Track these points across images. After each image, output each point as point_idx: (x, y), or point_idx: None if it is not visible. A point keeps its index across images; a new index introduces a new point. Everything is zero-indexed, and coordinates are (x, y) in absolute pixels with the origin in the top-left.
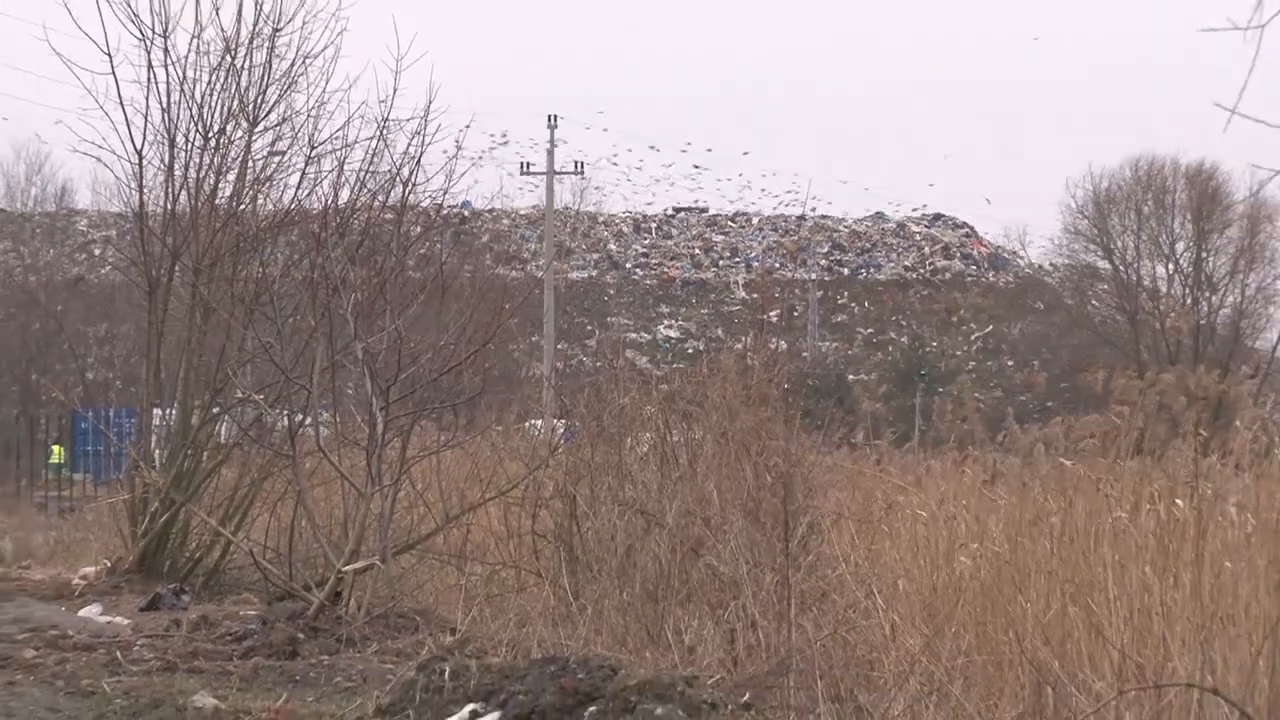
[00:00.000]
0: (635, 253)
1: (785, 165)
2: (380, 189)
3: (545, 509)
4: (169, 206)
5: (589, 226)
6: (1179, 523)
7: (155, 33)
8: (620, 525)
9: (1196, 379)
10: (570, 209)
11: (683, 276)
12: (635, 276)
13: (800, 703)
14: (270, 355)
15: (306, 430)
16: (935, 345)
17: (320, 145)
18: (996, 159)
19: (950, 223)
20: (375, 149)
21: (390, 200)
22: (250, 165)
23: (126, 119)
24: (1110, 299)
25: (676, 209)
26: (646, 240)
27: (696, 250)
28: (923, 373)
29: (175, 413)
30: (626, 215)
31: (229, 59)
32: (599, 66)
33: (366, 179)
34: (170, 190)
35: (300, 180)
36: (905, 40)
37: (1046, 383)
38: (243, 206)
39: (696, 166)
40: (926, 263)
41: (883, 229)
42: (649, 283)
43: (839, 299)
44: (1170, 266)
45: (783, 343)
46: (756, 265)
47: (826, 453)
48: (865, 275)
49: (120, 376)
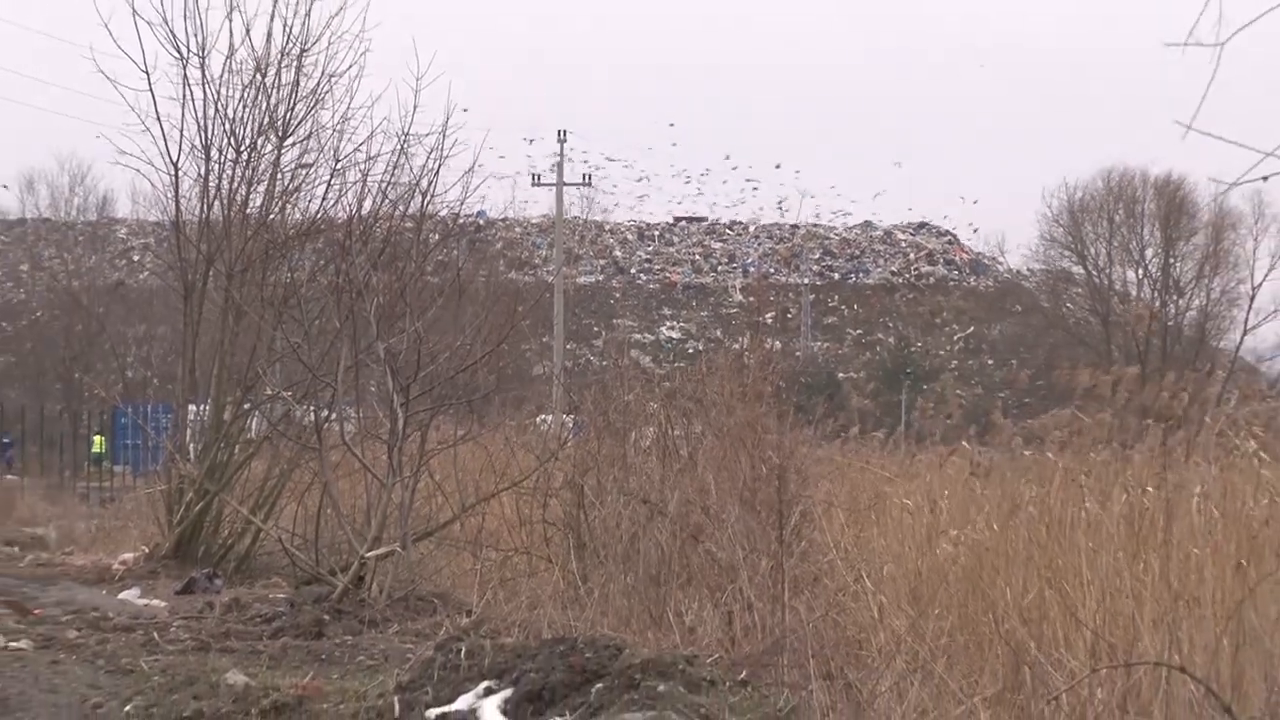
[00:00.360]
0: (639, 259)
1: (779, 175)
2: (401, 199)
3: (555, 498)
4: (203, 215)
5: (596, 234)
6: (1148, 511)
7: (191, 53)
8: (625, 514)
9: (1167, 382)
10: (579, 218)
11: (684, 281)
12: (639, 281)
13: (794, 680)
14: (298, 355)
15: (332, 425)
16: (920, 345)
17: (345, 158)
18: (978, 169)
19: (934, 231)
20: (396, 162)
21: (410, 210)
22: (279, 177)
23: (164, 134)
24: (1084, 302)
25: (678, 218)
26: (650, 247)
27: (696, 256)
28: (908, 371)
29: (209, 408)
30: (631, 224)
31: (260, 78)
32: (603, 83)
33: (388, 190)
34: (204, 200)
35: (326, 191)
36: (889, 57)
37: (1028, 379)
38: (272, 216)
39: (688, 177)
40: (912, 268)
41: (870, 236)
42: (652, 287)
43: (830, 302)
44: (1140, 272)
45: (777, 343)
46: (753, 270)
47: (818, 445)
48: (854, 280)
49: (158, 374)
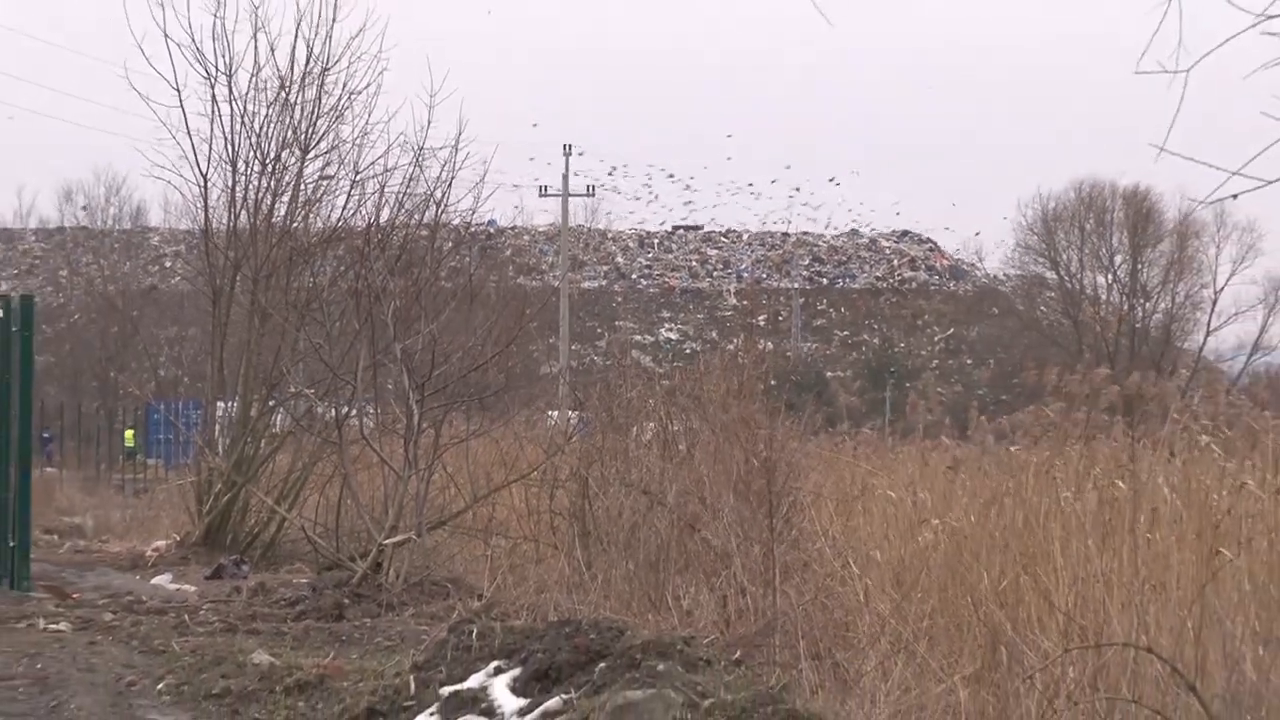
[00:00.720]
0: (640, 265)
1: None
2: (416, 209)
3: (561, 490)
4: (231, 224)
5: (599, 242)
6: (1117, 502)
7: (219, 72)
8: (627, 504)
9: (1131, 380)
10: (583, 227)
11: (681, 286)
12: (640, 286)
13: (785, 659)
14: (320, 355)
15: (351, 421)
16: (903, 346)
17: (364, 170)
18: (957, 180)
19: (916, 238)
20: (412, 174)
21: (425, 219)
22: (302, 188)
23: (194, 147)
24: (1056, 305)
25: (676, 227)
26: (649, 254)
27: (694, 263)
28: (892, 370)
29: (236, 405)
30: (632, 232)
31: (284, 95)
32: (604, 97)
33: (404, 200)
34: (232, 210)
35: (346, 201)
36: (873, 77)
37: (1001, 378)
38: (296, 224)
39: (688, 187)
40: (895, 273)
41: (857, 244)
42: (652, 291)
43: (819, 305)
44: (1109, 277)
45: (769, 344)
46: (746, 276)
47: (807, 439)
48: (842, 285)
49: (188, 373)
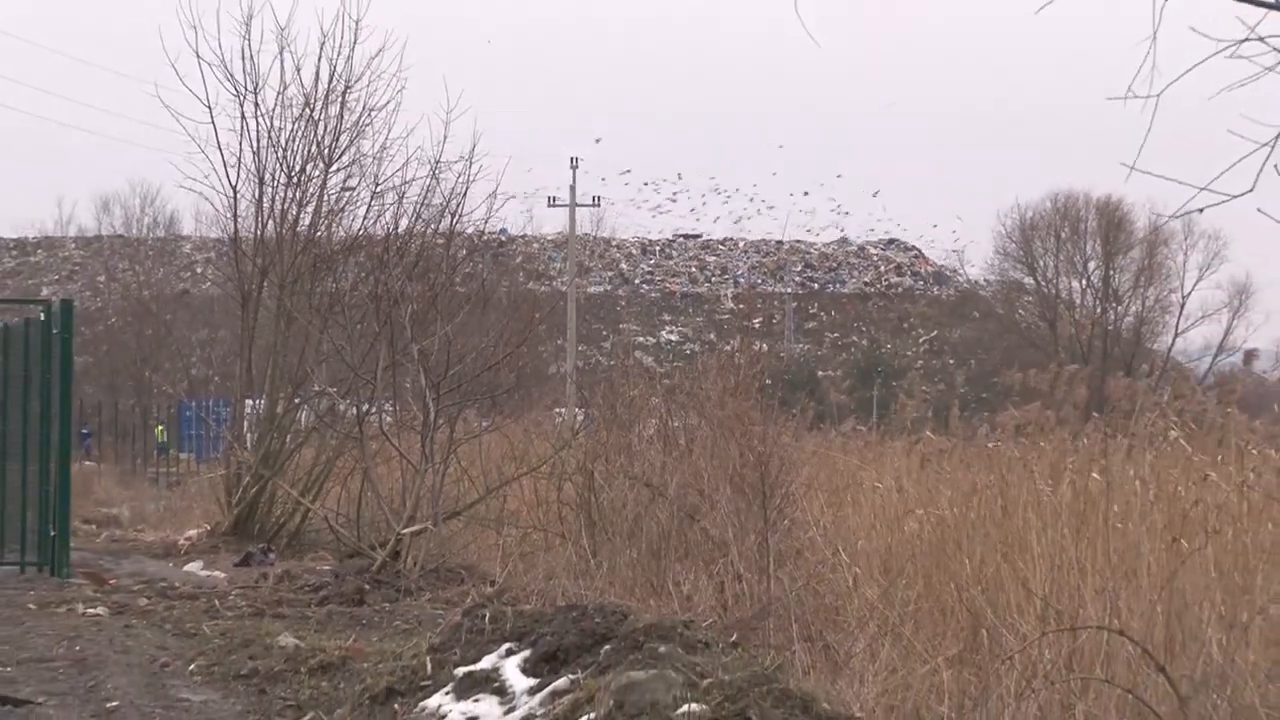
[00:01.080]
0: (642, 271)
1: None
2: (433, 219)
3: (569, 482)
4: (258, 233)
5: (604, 249)
6: (1091, 493)
7: (247, 89)
8: (630, 496)
9: (1118, 386)
10: (589, 235)
11: (682, 290)
12: (642, 290)
13: (779, 642)
14: (342, 355)
15: (371, 417)
16: (889, 347)
17: (383, 183)
18: (941, 191)
19: (901, 246)
20: (428, 186)
21: (441, 228)
22: (325, 199)
23: (223, 160)
24: (1034, 309)
25: (676, 235)
26: (651, 261)
27: (693, 269)
28: (879, 370)
29: (264, 403)
30: (635, 240)
31: (308, 111)
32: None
33: (421, 210)
34: (259, 219)
35: (366, 211)
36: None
37: (981, 377)
38: (319, 233)
39: (675, 195)
40: (882, 279)
41: (846, 251)
42: (654, 295)
43: (810, 309)
44: (1083, 282)
45: (764, 345)
46: (742, 281)
47: (800, 435)
48: (832, 289)
49: (218, 373)
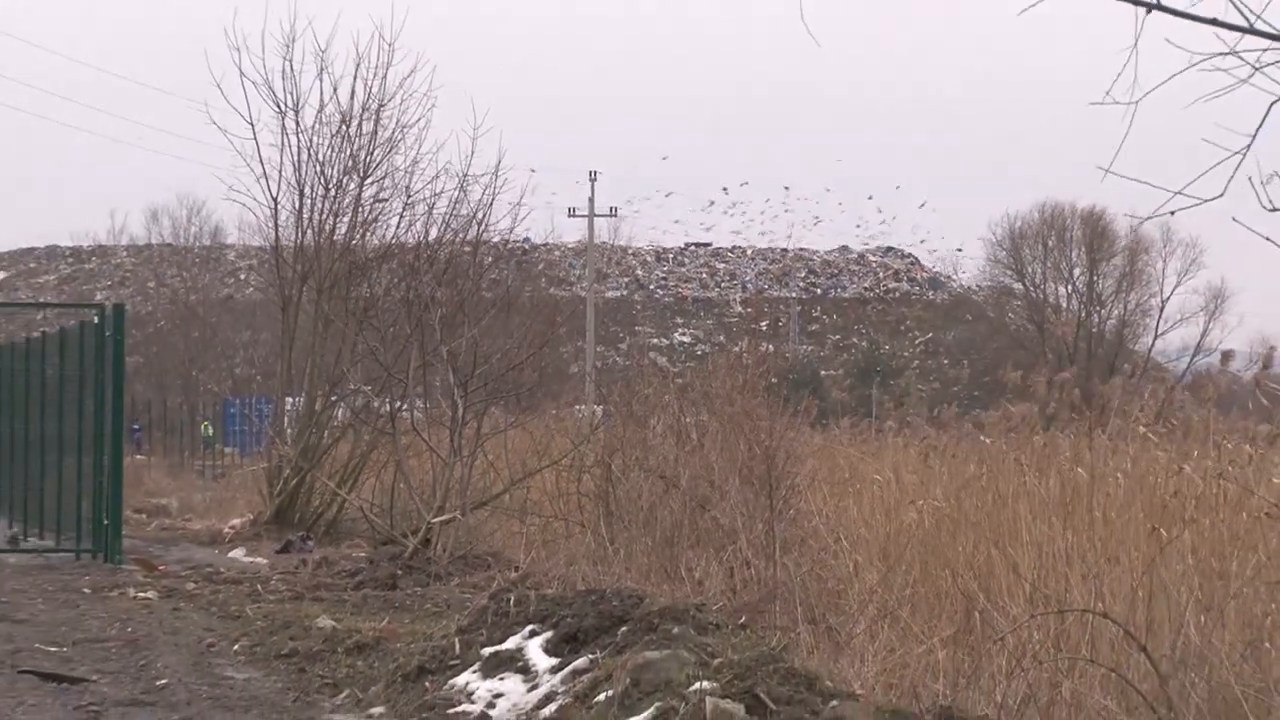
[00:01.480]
0: (656, 277)
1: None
2: (461, 228)
3: (588, 474)
4: (298, 241)
5: (621, 257)
6: (1077, 485)
7: (288, 108)
8: (645, 487)
9: (1093, 379)
10: (607, 243)
11: (693, 295)
12: (656, 295)
13: (784, 623)
14: (376, 356)
15: (403, 413)
16: (888, 348)
17: (414, 194)
18: (933, 201)
19: (899, 254)
20: (457, 198)
21: (468, 237)
22: (360, 210)
23: (265, 174)
24: (1023, 312)
25: (688, 243)
26: (665, 267)
27: (704, 275)
28: (878, 369)
29: (303, 400)
30: (650, 248)
31: (345, 128)
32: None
33: (450, 221)
34: (299, 229)
35: (399, 221)
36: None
37: (974, 376)
38: (355, 242)
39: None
40: (881, 285)
41: (847, 259)
42: (667, 300)
43: (814, 313)
44: (1069, 287)
45: (770, 346)
46: (750, 287)
47: (804, 431)
48: (834, 294)
49: (260, 372)
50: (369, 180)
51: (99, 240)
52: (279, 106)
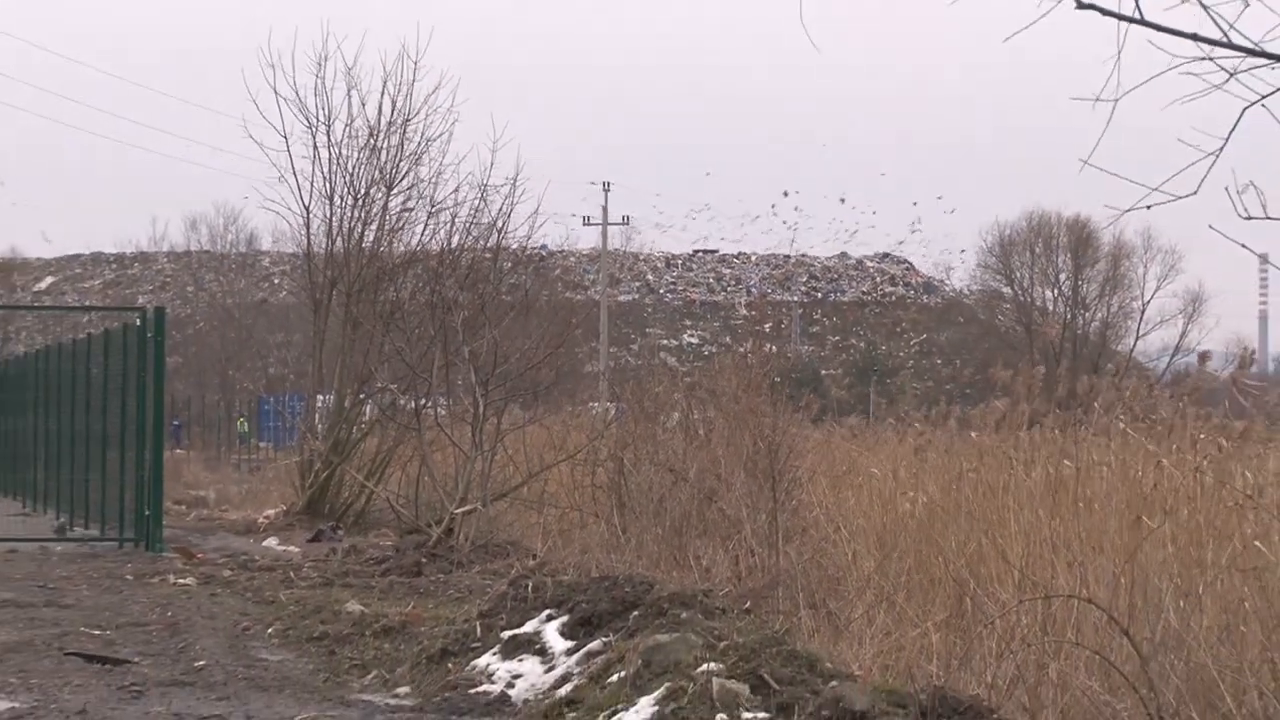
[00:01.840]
0: (666, 281)
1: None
2: (481, 236)
3: (601, 467)
4: (328, 248)
5: (633, 262)
6: (1062, 477)
7: (319, 122)
8: (655, 479)
9: (1075, 376)
10: (619, 250)
11: (701, 299)
12: (666, 299)
13: (787, 608)
14: (402, 356)
15: (428, 410)
16: (884, 349)
17: (438, 204)
18: (928, 210)
19: (895, 259)
20: (478, 207)
21: (489, 244)
22: (387, 218)
23: (298, 185)
24: (1012, 314)
25: (696, 250)
26: (674, 272)
27: (711, 279)
28: (875, 369)
29: (333, 398)
30: (660, 254)
31: (372, 141)
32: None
33: (471, 228)
34: (329, 236)
35: (423, 229)
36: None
37: (966, 376)
38: (382, 248)
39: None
40: (878, 289)
41: (846, 264)
42: (676, 303)
43: (815, 315)
44: (1055, 291)
45: (773, 347)
46: (754, 291)
47: (805, 425)
48: (834, 298)
49: (293, 371)
50: (395, 191)
51: (141, 247)
52: (310, 121)
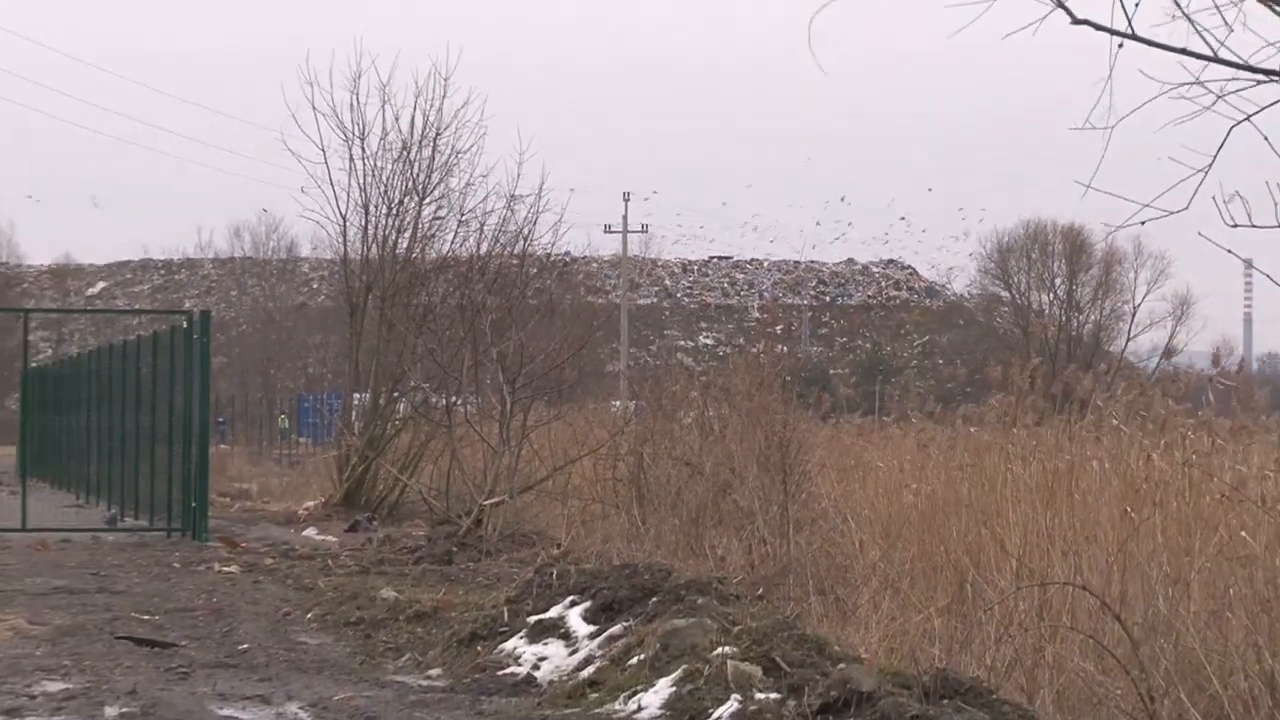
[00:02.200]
0: (683, 286)
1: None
2: (508, 243)
3: (622, 462)
4: (364, 255)
5: (652, 268)
6: (1057, 471)
7: (354, 136)
8: (673, 473)
9: (1069, 373)
10: (639, 256)
11: (716, 302)
12: (683, 302)
13: (797, 595)
14: (433, 356)
15: (458, 408)
16: (889, 349)
17: (468, 213)
18: (929, 219)
19: (899, 265)
20: (505, 216)
21: (515, 251)
22: (419, 227)
23: (335, 195)
24: (1009, 317)
25: (711, 256)
26: (690, 278)
27: (725, 284)
28: (880, 368)
29: (368, 396)
30: (677, 260)
31: (405, 154)
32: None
33: (499, 236)
34: (365, 244)
35: (454, 237)
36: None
37: (966, 376)
38: (414, 255)
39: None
40: (883, 293)
41: (853, 270)
42: (693, 306)
43: (823, 318)
44: (1050, 295)
45: (784, 348)
46: (766, 295)
47: (814, 422)
48: (841, 301)
49: (330, 371)
50: (427, 200)
51: (188, 254)
52: (347, 135)
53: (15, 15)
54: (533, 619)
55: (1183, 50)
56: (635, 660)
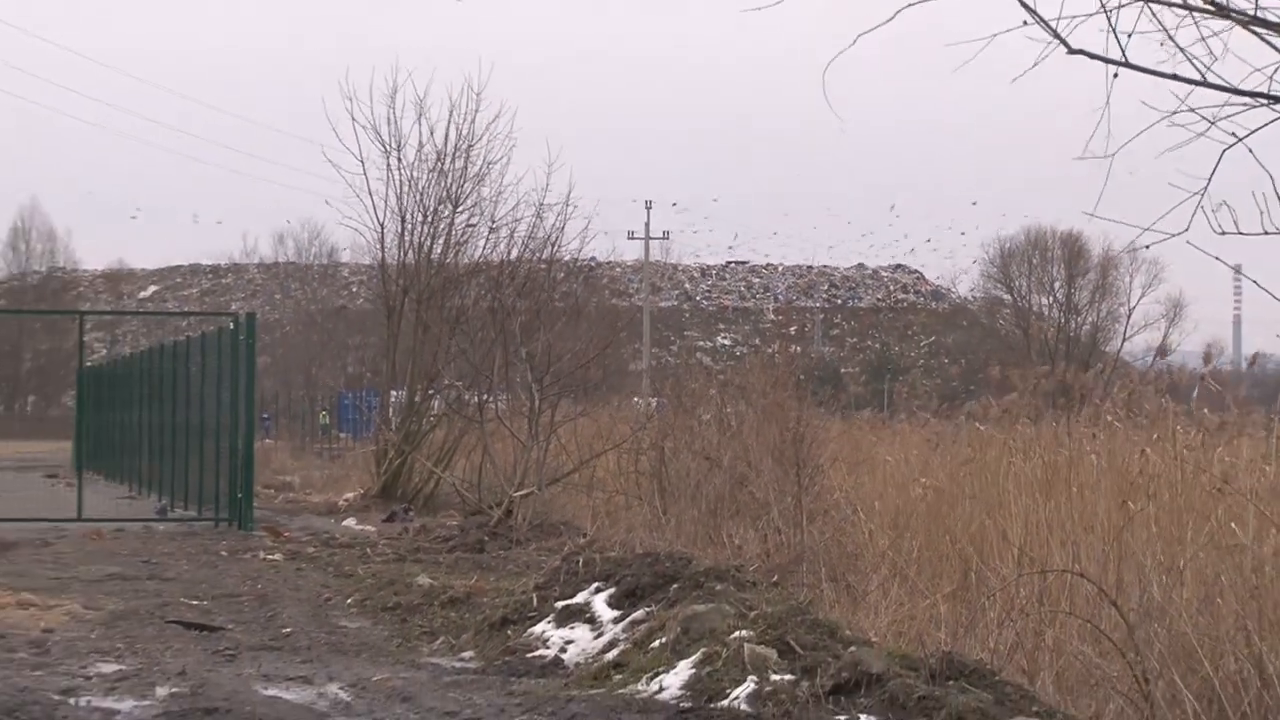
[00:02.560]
0: (702, 289)
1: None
2: (537, 249)
3: (644, 455)
4: (400, 260)
5: (672, 272)
6: (1057, 465)
7: (391, 147)
8: (693, 466)
9: (1069, 373)
10: (660, 261)
11: (733, 305)
12: (702, 305)
13: (810, 582)
14: (466, 356)
15: (489, 404)
16: (897, 350)
17: (498, 221)
18: (934, 224)
19: (906, 269)
20: (534, 223)
21: (543, 256)
22: (453, 233)
23: (373, 203)
24: (1011, 319)
25: (729, 261)
26: (709, 281)
27: (742, 288)
28: (889, 368)
29: (405, 393)
30: (697, 265)
31: (440, 165)
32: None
33: (528, 242)
34: (401, 249)
35: (485, 243)
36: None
37: (970, 374)
38: (448, 260)
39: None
40: (891, 296)
41: (863, 274)
42: (711, 309)
43: (835, 320)
44: (1050, 298)
45: (798, 348)
46: (781, 298)
47: (826, 418)
48: (851, 304)
49: (369, 370)
50: (460, 208)
51: (234, 259)
52: (384, 147)
53: (77, 36)
54: (560, 604)
55: (1173, 76)
56: (657, 643)
